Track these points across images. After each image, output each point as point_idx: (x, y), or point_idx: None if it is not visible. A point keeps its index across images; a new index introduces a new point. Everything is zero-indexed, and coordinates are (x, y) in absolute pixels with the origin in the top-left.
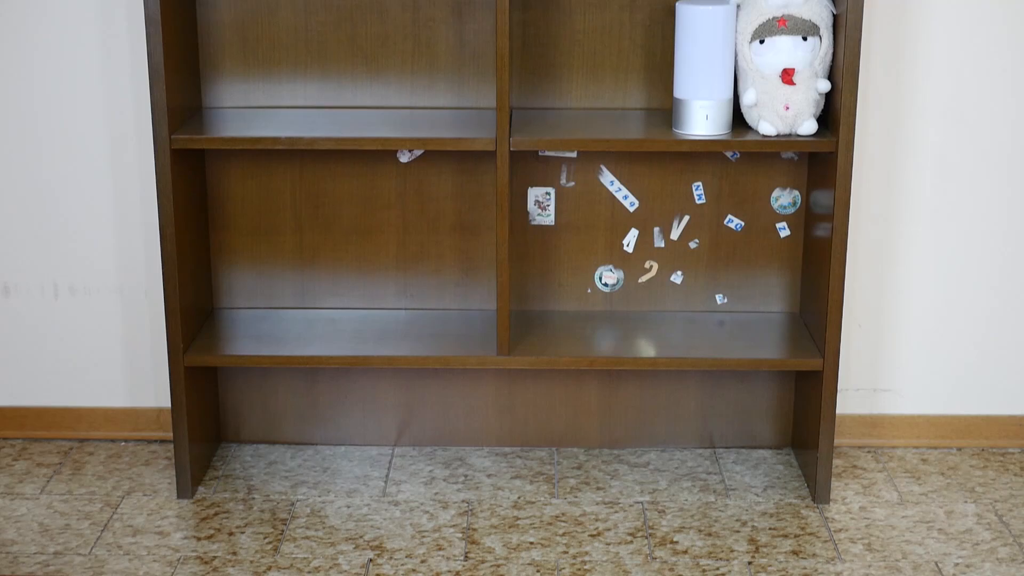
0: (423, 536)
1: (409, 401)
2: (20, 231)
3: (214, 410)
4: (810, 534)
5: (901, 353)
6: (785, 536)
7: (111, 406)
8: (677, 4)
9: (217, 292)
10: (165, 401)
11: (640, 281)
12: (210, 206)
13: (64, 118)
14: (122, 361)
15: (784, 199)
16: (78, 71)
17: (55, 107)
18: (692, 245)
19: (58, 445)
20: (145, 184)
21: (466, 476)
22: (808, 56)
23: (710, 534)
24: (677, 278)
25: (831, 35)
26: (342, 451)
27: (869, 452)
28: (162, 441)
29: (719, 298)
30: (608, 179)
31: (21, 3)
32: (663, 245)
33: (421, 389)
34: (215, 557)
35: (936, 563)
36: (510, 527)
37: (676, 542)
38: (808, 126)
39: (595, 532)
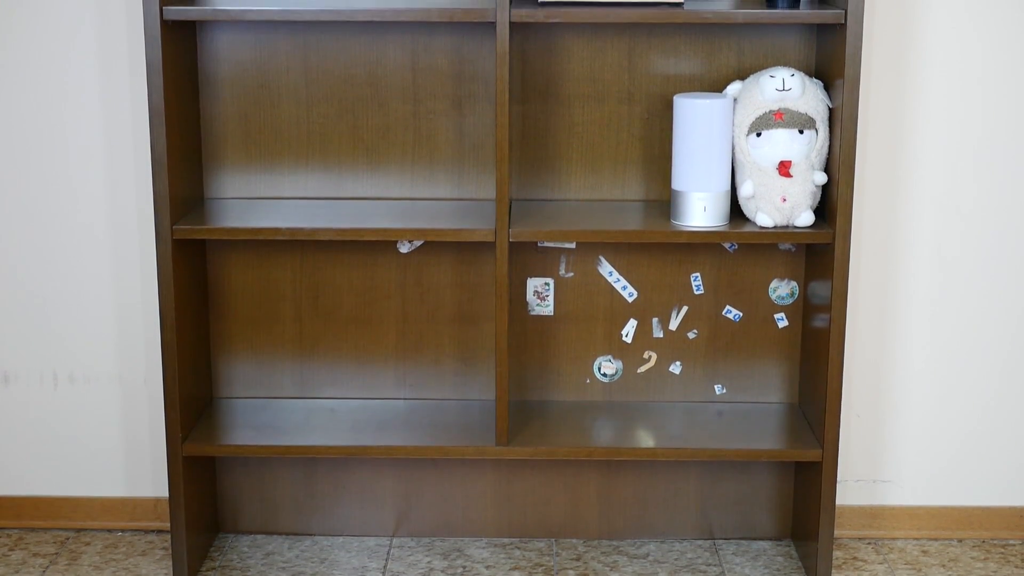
0: None
1: (407, 491)
2: (21, 320)
3: (212, 500)
4: None
5: (900, 444)
6: None
7: (109, 496)
8: (675, 97)
9: (216, 381)
10: (163, 491)
11: (639, 371)
12: (210, 295)
13: (66, 206)
14: (120, 450)
15: (782, 290)
16: (82, 160)
17: (57, 195)
18: (691, 335)
19: (54, 535)
20: (146, 273)
21: (464, 567)
22: (804, 149)
23: None
24: (676, 368)
25: (827, 128)
26: (340, 541)
27: (869, 544)
28: (159, 531)
29: (718, 388)
30: (607, 270)
31: (25, 87)
32: (662, 335)
33: (419, 479)
34: None
35: None
36: None
37: None
38: (805, 218)
39: None
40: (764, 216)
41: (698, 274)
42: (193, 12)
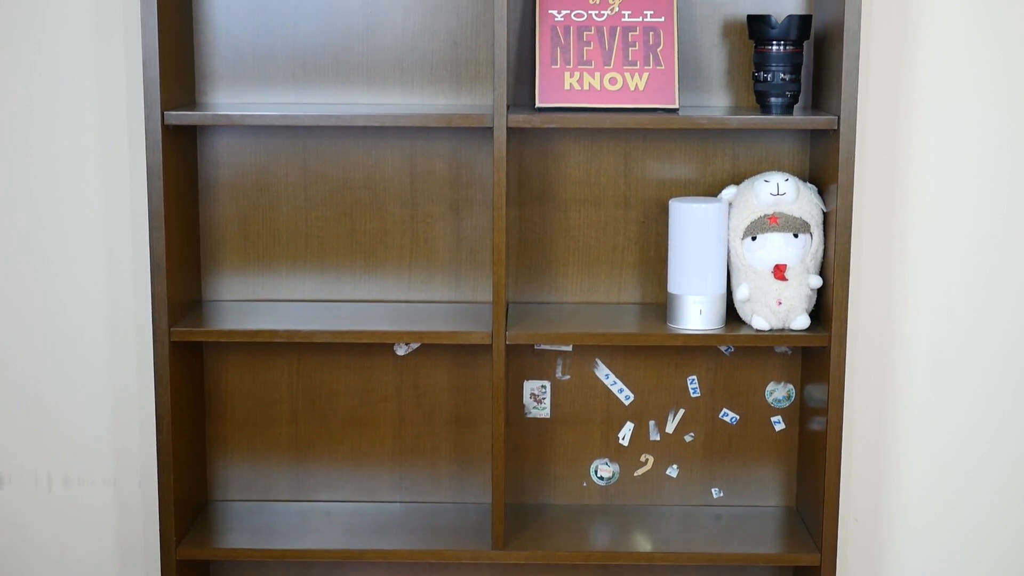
0: None
1: None
2: (16, 420)
3: None
4: None
5: (899, 548)
6: None
7: None
8: (670, 201)
9: (211, 484)
10: None
11: (636, 474)
12: (207, 397)
13: (64, 307)
14: (115, 553)
15: (779, 393)
16: (80, 261)
17: (56, 295)
18: (687, 438)
19: None
20: (143, 375)
21: None
22: (799, 253)
23: None
24: (673, 472)
25: (822, 232)
26: None
27: None
28: None
29: (715, 492)
30: (603, 372)
31: (27, 186)
32: (658, 438)
33: None
34: None
35: None
36: None
37: None
38: (801, 321)
39: None
40: (760, 319)
41: (695, 377)
42: (194, 117)
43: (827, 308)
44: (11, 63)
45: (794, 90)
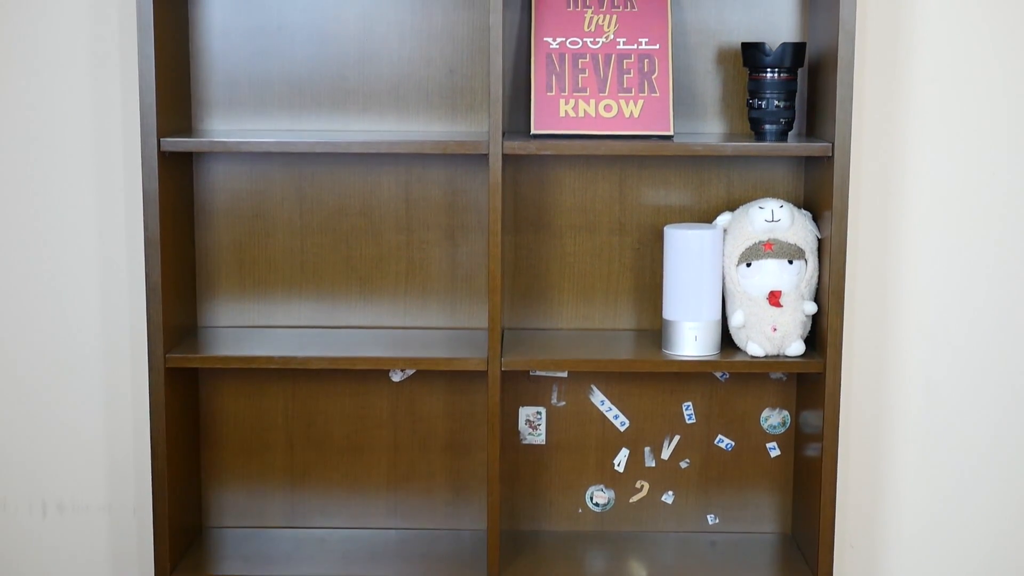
0: None
1: None
2: (10, 447)
3: None
4: None
5: (895, 574)
6: None
7: None
8: (665, 228)
9: (206, 510)
10: None
11: (631, 501)
12: (202, 424)
13: (59, 333)
14: None
15: (774, 419)
16: (75, 287)
17: (51, 321)
18: (683, 465)
19: None
20: (137, 401)
21: None
22: (794, 279)
23: None
24: (668, 498)
25: (816, 258)
26: None
27: None
28: None
29: (711, 518)
30: (599, 399)
31: (23, 214)
32: (654, 465)
33: None
34: None
35: None
36: None
37: None
38: (796, 347)
39: None
40: (755, 345)
41: (690, 403)
42: (191, 143)
43: (822, 334)
44: (8, 90)
45: (788, 117)
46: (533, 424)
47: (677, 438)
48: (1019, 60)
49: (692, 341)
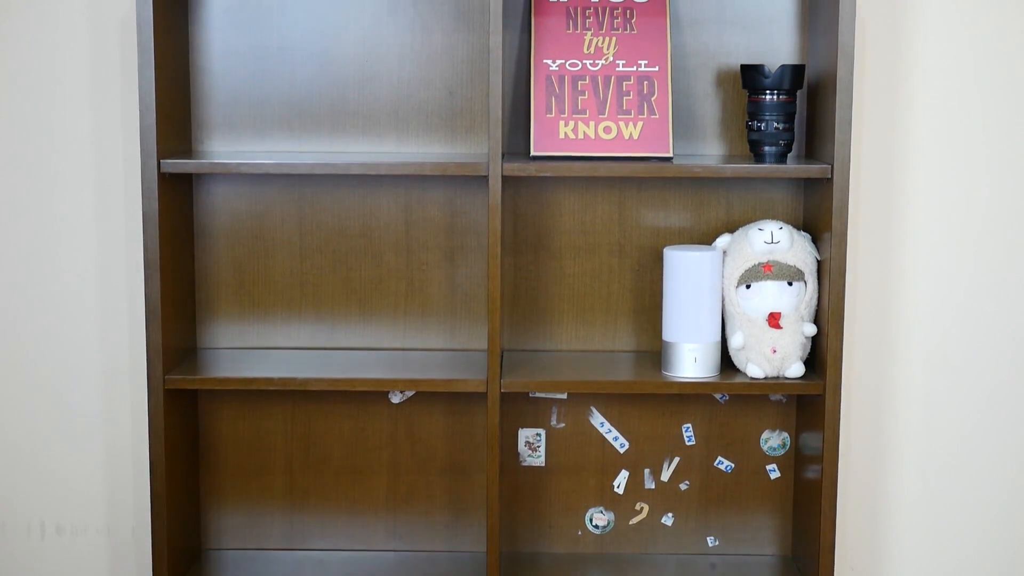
0: None
1: None
2: (8, 469)
3: None
4: None
5: None
6: None
7: None
8: (665, 249)
9: (205, 532)
10: None
11: (631, 523)
12: (201, 445)
13: (58, 354)
14: None
15: (774, 441)
16: (74, 309)
17: (49, 343)
18: (683, 487)
19: None
20: (136, 423)
21: None
22: (794, 301)
23: None
24: (668, 520)
25: (816, 280)
26: None
27: None
28: None
29: (711, 540)
30: (598, 420)
31: (21, 234)
32: (654, 487)
33: None
34: None
35: None
36: None
37: None
38: (795, 369)
39: None
40: (754, 367)
41: (689, 425)
42: (190, 165)
43: (821, 356)
44: (8, 111)
45: (787, 139)
46: (533, 446)
47: (677, 460)
48: (1017, 82)
49: (692, 363)
